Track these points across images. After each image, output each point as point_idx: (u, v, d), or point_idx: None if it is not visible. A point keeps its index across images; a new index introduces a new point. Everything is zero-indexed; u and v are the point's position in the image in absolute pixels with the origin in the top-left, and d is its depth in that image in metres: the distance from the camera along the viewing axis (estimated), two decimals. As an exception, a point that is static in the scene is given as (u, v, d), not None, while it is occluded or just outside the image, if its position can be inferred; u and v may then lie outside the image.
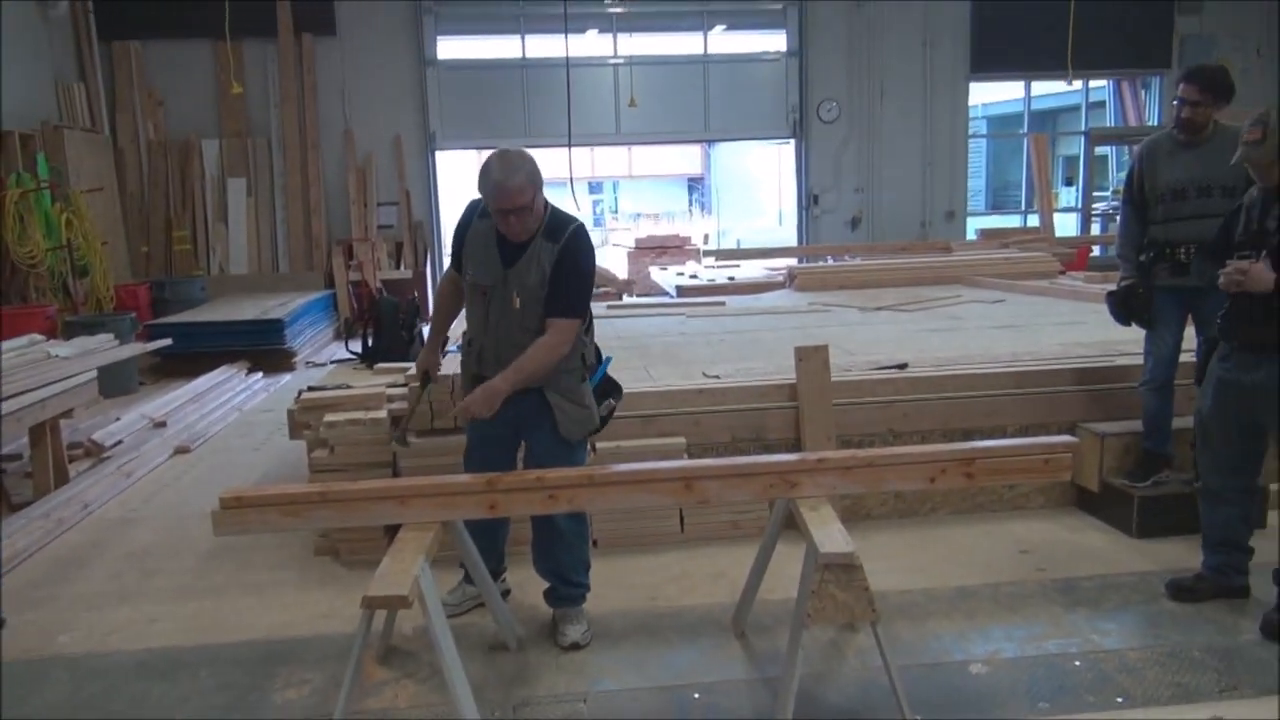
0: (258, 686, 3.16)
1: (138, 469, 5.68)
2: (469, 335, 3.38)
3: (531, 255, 3.17)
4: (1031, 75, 13.58)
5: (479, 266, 3.25)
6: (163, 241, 11.42)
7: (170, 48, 11.42)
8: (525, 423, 3.30)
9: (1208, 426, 3.46)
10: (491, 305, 3.24)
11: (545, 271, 3.16)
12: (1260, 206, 3.28)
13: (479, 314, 3.29)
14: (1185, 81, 3.93)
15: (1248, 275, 3.15)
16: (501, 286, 3.21)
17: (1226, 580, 3.51)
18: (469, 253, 3.29)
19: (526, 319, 3.20)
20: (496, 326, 3.25)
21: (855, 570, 2.61)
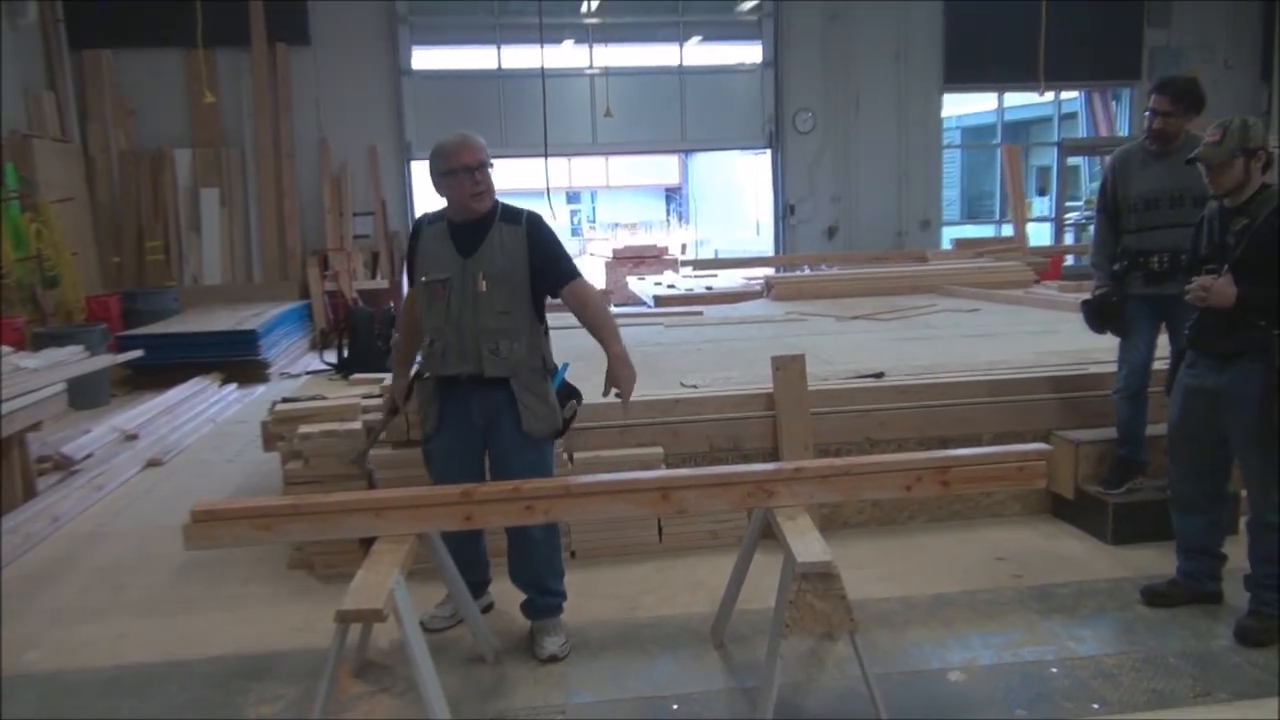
0: (230, 702, 3.11)
1: (108, 482, 5.59)
2: (429, 338, 3.33)
3: (492, 240, 3.24)
4: (1004, 86, 13.76)
5: (435, 264, 3.28)
6: (134, 252, 11.30)
7: (142, 57, 11.32)
8: (491, 421, 3.30)
9: (1176, 435, 3.50)
10: (452, 297, 3.24)
11: (512, 253, 3.24)
12: (1219, 219, 3.32)
13: (439, 310, 3.27)
14: (1157, 92, 3.98)
15: (1210, 291, 3.20)
16: (460, 275, 3.24)
17: (1200, 586, 3.54)
18: (424, 258, 3.32)
19: (495, 300, 3.22)
20: (460, 316, 3.23)
21: (833, 579, 2.61)
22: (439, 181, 3.25)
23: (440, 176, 3.23)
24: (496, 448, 3.33)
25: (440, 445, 3.38)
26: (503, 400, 3.27)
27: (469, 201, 3.22)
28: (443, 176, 3.22)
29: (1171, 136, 3.99)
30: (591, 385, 3.51)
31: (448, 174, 3.20)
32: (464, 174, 3.18)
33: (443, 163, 3.21)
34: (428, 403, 3.38)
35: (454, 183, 3.20)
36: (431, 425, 3.37)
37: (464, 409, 3.29)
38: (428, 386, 3.38)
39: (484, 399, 3.27)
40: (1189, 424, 3.43)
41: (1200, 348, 3.36)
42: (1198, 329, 3.36)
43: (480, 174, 3.20)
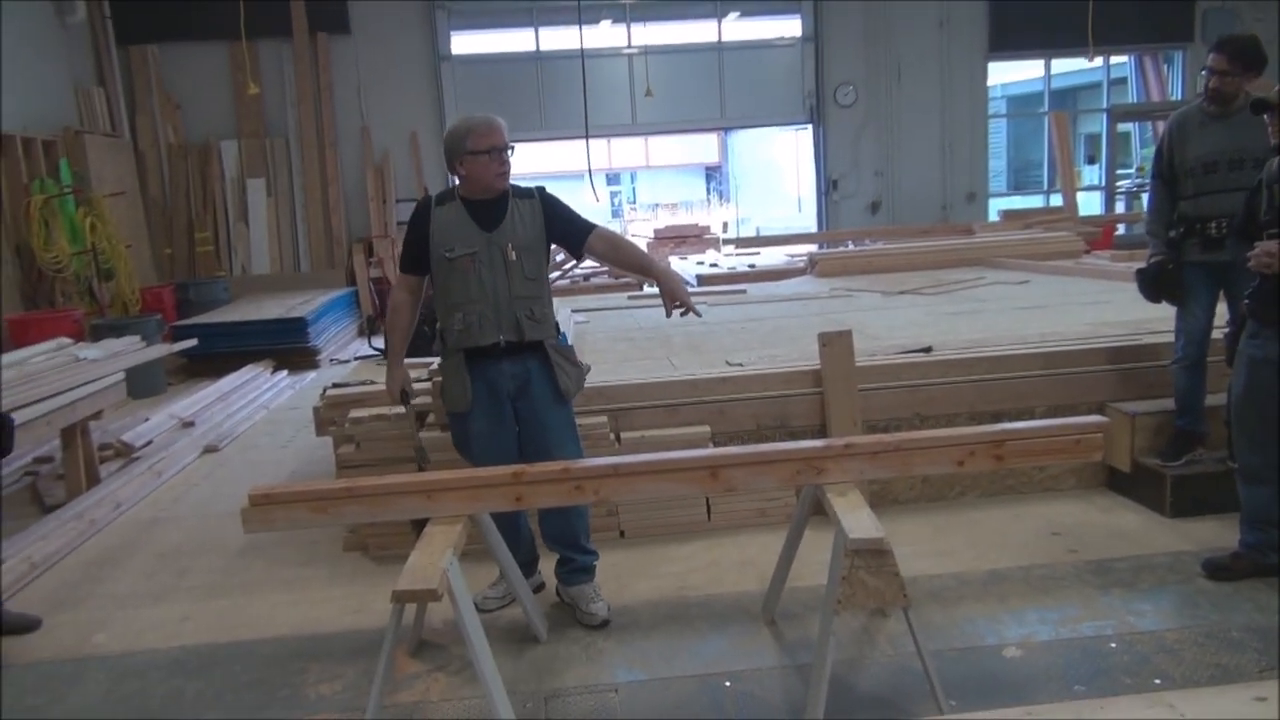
0: (290, 682, 3.17)
1: (167, 469, 5.73)
2: (458, 313, 3.34)
3: (512, 215, 3.37)
4: (1051, 53, 13.42)
5: (457, 240, 3.33)
6: (185, 243, 11.52)
7: (186, 50, 11.50)
8: (523, 387, 3.39)
9: (1242, 406, 3.41)
10: (482, 269, 3.31)
11: (531, 224, 3.38)
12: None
13: (470, 283, 3.33)
14: (1215, 51, 3.86)
15: (1275, 257, 3.09)
16: (487, 248, 3.32)
17: (1264, 558, 3.45)
18: (443, 236, 3.35)
19: (526, 268, 3.36)
20: (494, 287, 3.32)
21: (885, 555, 2.59)
22: (465, 159, 3.30)
23: (467, 155, 3.29)
24: (529, 412, 3.41)
25: (476, 421, 3.41)
26: (535, 364, 3.39)
27: (494, 181, 3.32)
28: (470, 155, 3.28)
29: (1229, 97, 3.86)
30: (653, 365, 3.51)
31: (477, 153, 3.27)
32: (495, 154, 3.29)
33: (472, 142, 3.27)
34: (456, 380, 3.38)
35: (483, 162, 3.29)
36: (466, 401, 3.38)
37: (494, 380, 3.36)
38: (455, 364, 3.39)
39: (516, 366, 3.37)
40: (1254, 394, 3.34)
41: (1262, 317, 3.26)
42: (1258, 297, 3.26)
43: (506, 155, 3.33)
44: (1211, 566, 3.51)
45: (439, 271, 3.37)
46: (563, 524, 3.52)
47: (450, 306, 3.36)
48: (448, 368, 3.43)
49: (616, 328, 6.55)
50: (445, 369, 3.46)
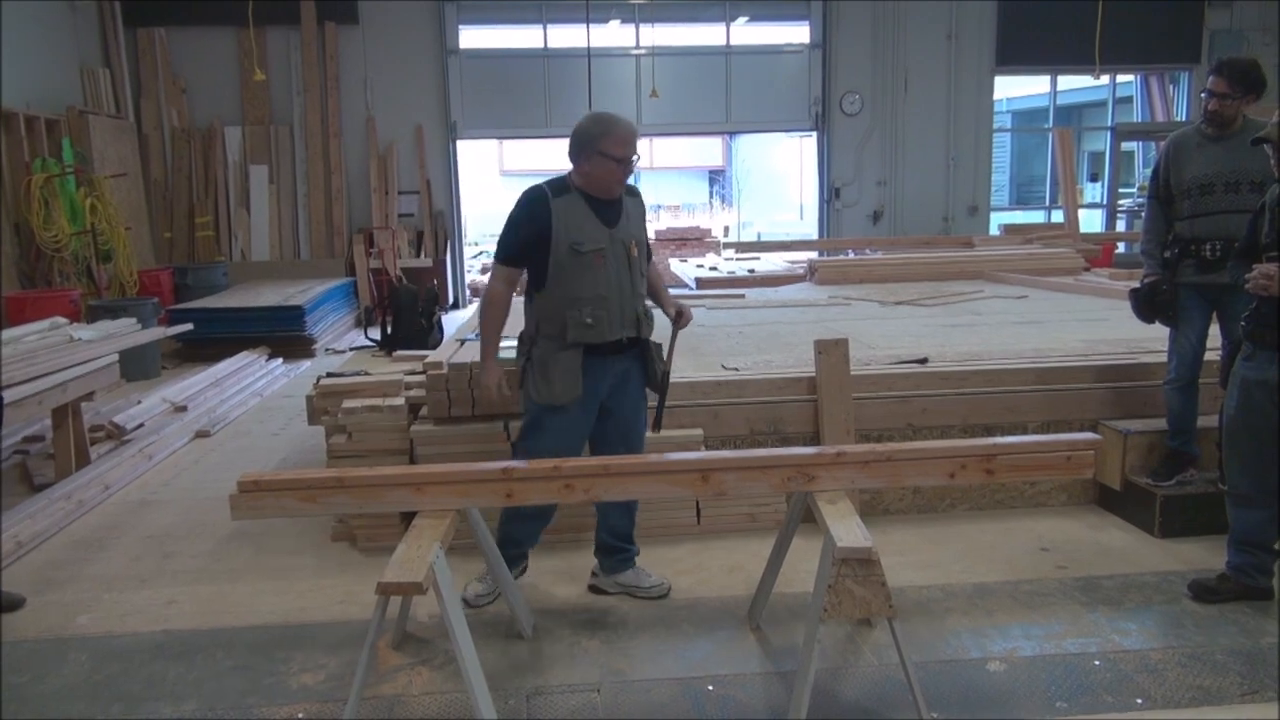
0: (273, 670, 3.17)
1: (158, 452, 5.72)
2: (584, 306, 3.28)
3: (626, 211, 3.40)
4: (1057, 69, 13.43)
5: (584, 234, 3.28)
6: (185, 227, 11.51)
7: (194, 35, 11.49)
8: (619, 384, 3.44)
9: (1235, 428, 3.41)
10: (609, 266, 3.31)
11: (638, 222, 3.47)
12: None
13: (600, 278, 3.30)
14: (1215, 74, 3.86)
15: (1273, 280, 3.09)
16: (611, 244, 3.32)
17: (1250, 581, 3.46)
18: (568, 228, 3.27)
19: (642, 265, 3.46)
20: (620, 283, 3.34)
21: (873, 565, 2.59)
22: (594, 157, 3.25)
23: (598, 154, 3.24)
24: (621, 408, 3.48)
25: (571, 416, 3.38)
26: (634, 362, 3.46)
27: (614, 186, 3.33)
28: (601, 155, 3.24)
29: (1228, 120, 3.87)
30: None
31: (607, 156, 3.24)
32: (624, 165, 3.28)
33: (607, 145, 3.23)
34: (567, 373, 3.30)
35: (610, 167, 3.26)
36: (571, 395, 3.32)
37: (598, 376, 3.37)
38: (569, 357, 3.30)
39: (622, 363, 3.42)
40: (1248, 417, 3.34)
41: (1258, 339, 3.26)
42: (1255, 320, 3.26)
43: (633, 165, 3.33)
44: (1198, 588, 3.51)
45: (563, 264, 3.26)
46: (626, 519, 3.64)
47: (573, 300, 3.27)
48: (558, 360, 3.30)
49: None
50: (552, 361, 3.31)
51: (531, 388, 3.36)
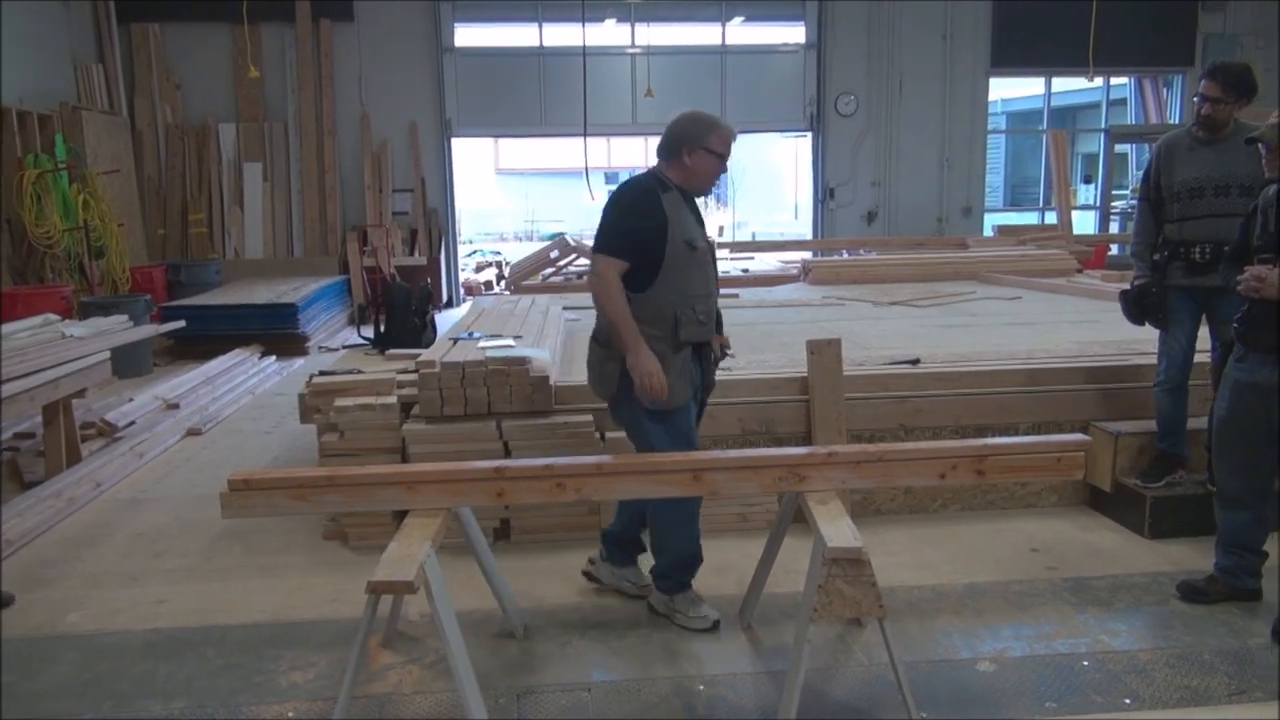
0: (263, 669, 3.16)
1: (149, 450, 5.70)
2: (698, 304, 3.25)
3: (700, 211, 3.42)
4: (1052, 71, 13.48)
5: (693, 231, 3.27)
6: (179, 224, 11.49)
7: (188, 31, 11.47)
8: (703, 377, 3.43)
9: (1225, 429, 3.42)
10: (709, 264, 3.34)
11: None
12: (1276, 207, 3.22)
13: (707, 277, 3.31)
14: (1208, 78, 3.87)
15: (1264, 282, 3.10)
16: (706, 244, 3.32)
17: (1239, 582, 3.47)
18: (680, 225, 3.21)
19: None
20: (712, 282, 3.37)
21: (863, 565, 2.59)
22: (698, 152, 3.21)
23: (703, 149, 3.21)
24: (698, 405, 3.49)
25: (686, 414, 3.33)
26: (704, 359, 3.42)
27: (709, 184, 3.34)
28: (705, 151, 3.22)
29: (1220, 124, 3.88)
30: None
31: (712, 152, 3.23)
32: (723, 162, 3.29)
33: (713, 141, 3.22)
34: (684, 374, 3.25)
35: (712, 164, 3.25)
36: (687, 396, 3.27)
37: (694, 373, 3.35)
38: (681, 358, 3.24)
39: (703, 360, 3.40)
40: (1239, 418, 3.35)
41: (1250, 342, 3.27)
42: (1248, 322, 3.27)
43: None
44: (1187, 590, 3.53)
45: (679, 261, 3.18)
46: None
47: (687, 298, 3.21)
48: (673, 361, 3.20)
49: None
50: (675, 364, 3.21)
51: (644, 394, 3.17)
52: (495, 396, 4.12)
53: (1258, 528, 3.45)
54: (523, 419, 4.15)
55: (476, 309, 6.54)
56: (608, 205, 3.26)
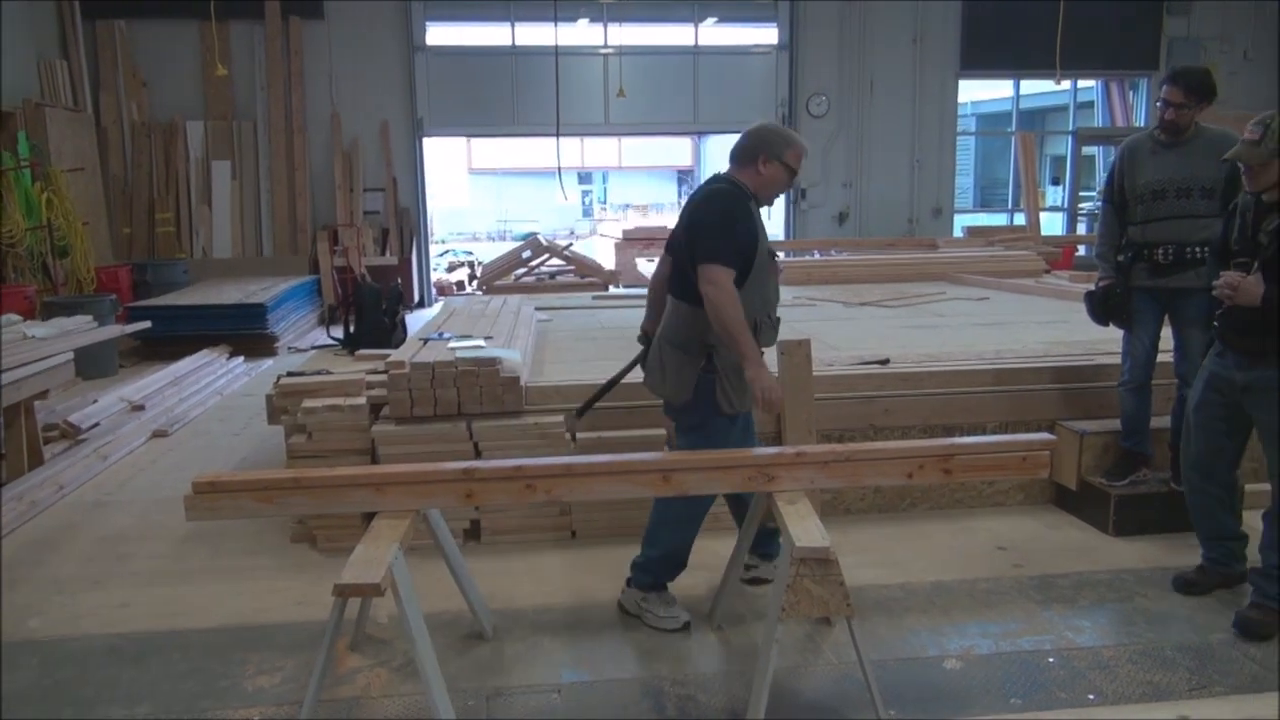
0: (229, 673, 3.13)
1: (114, 452, 5.63)
2: (773, 311, 3.32)
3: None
4: (1020, 74, 13.63)
5: (766, 240, 3.30)
6: (145, 223, 11.34)
7: (155, 28, 11.32)
8: None
9: (1197, 415, 3.47)
10: (778, 273, 3.37)
11: None
12: (1253, 214, 3.26)
13: (775, 284, 3.34)
14: (1169, 83, 3.92)
15: (1237, 290, 3.15)
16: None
17: (1228, 569, 3.57)
18: (762, 231, 3.28)
19: None
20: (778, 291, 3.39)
21: (831, 564, 2.61)
22: (774, 164, 3.23)
23: (780, 162, 3.23)
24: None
25: (749, 419, 3.41)
26: None
27: (776, 196, 3.37)
28: (782, 164, 3.24)
29: (1183, 128, 3.94)
30: (614, 366, 3.48)
31: (787, 166, 3.25)
32: (794, 178, 3.33)
33: (792, 156, 3.25)
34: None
35: (785, 178, 3.28)
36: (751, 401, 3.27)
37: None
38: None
39: None
40: (1210, 405, 3.42)
41: (1228, 341, 3.34)
42: (1226, 321, 3.33)
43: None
44: (1181, 583, 3.61)
45: (762, 267, 3.22)
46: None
47: (766, 305, 3.28)
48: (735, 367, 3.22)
49: (580, 327, 6.55)
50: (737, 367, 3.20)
51: (723, 398, 3.20)
52: (465, 397, 4.11)
53: (1230, 514, 3.55)
54: (493, 420, 4.13)
55: (447, 309, 6.51)
56: (709, 214, 3.20)
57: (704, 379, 3.21)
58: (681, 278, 3.25)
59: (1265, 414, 3.24)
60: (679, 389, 3.27)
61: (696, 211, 3.24)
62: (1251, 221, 3.25)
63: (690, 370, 3.23)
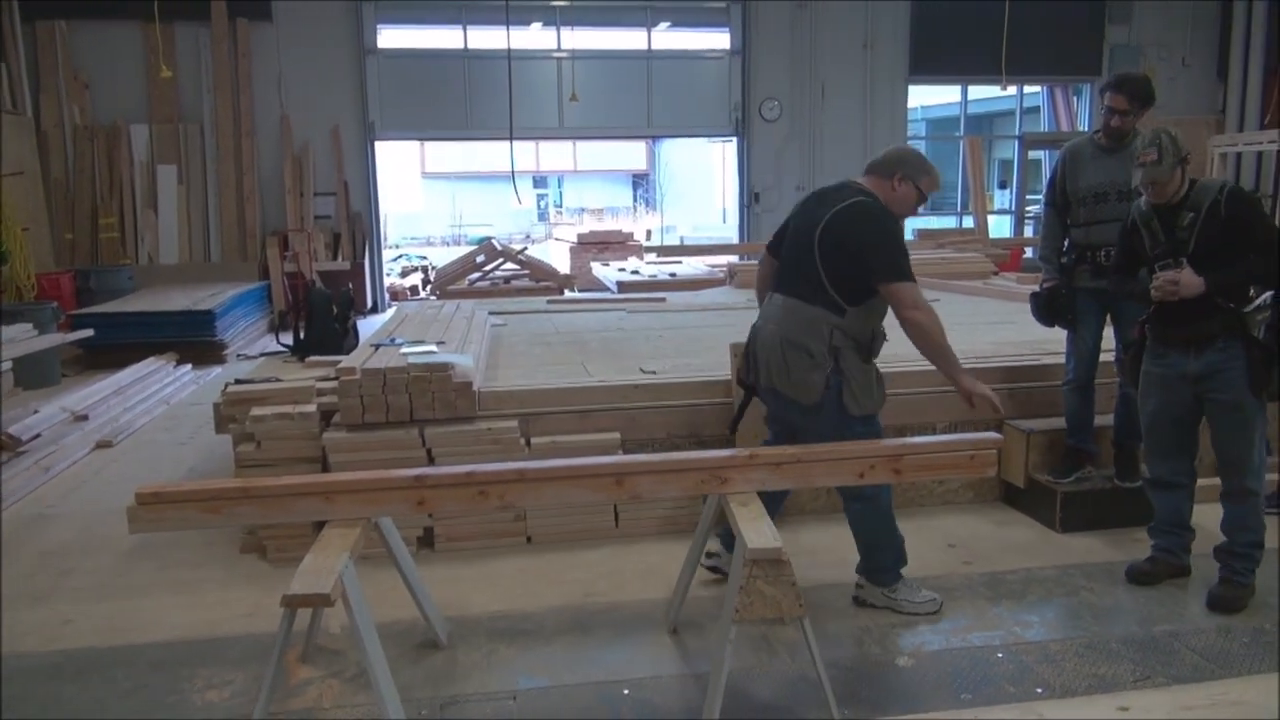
0: (177, 688, 3.07)
1: (56, 463, 5.49)
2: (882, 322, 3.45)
3: None
4: (967, 79, 13.84)
5: None
6: (88, 229, 11.07)
7: (97, 29, 11.07)
8: None
9: (1158, 420, 3.57)
10: None
11: None
12: (1160, 219, 3.44)
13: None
14: (1114, 91, 4.02)
15: (1179, 284, 3.29)
16: None
17: (1176, 560, 3.68)
18: None
19: None
20: None
21: (783, 565, 2.62)
22: (909, 186, 3.40)
23: (914, 185, 3.40)
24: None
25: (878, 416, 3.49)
26: None
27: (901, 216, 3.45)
28: (916, 189, 3.41)
29: (1126, 133, 4.05)
30: (568, 371, 3.47)
31: (920, 192, 3.43)
32: (920, 206, 3.49)
33: (927, 184, 3.43)
34: (880, 383, 3.45)
35: (913, 201, 3.44)
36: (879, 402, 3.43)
37: None
38: (874, 368, 3.44)
39: None
40: (1173, 409, 3.51)
41: (1167, 339, 3.45)
42: (1160, 321, 3.45)
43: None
44: (1134, 573, 3.71)
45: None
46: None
47: (882, 317, 3.43)
48: (867, 372, 3.39)
49: (535, 332, 6.52)
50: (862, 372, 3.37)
51: (850, 400, 3.32)
52: (418, 403, 4.07)
53: (1188, 506, 3.66)
54: (446, 426, 4.11)
55: (400, 314, 6.46)
56: (880, 232, 3.32)
57: (832, 382, 3.30)
58: (804, 281, 3.35)
59: (1225, 394, 3.37)
60: (807, 391, 3.33)
61: (864, 231, 3.30)
62: (1161, 226, 3.43)
63: (818, 374, 3.31)
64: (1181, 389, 3.46)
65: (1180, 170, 3.36)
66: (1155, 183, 3.36)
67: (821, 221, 3.33)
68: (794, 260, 3.42)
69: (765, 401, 3.58)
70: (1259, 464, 3.42)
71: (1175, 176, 3.36)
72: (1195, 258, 3.32)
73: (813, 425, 3.36)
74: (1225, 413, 3.41)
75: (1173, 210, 3.40)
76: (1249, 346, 3.31)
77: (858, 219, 3.32)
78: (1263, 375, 3.31)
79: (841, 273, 3.29)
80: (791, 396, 3.37)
